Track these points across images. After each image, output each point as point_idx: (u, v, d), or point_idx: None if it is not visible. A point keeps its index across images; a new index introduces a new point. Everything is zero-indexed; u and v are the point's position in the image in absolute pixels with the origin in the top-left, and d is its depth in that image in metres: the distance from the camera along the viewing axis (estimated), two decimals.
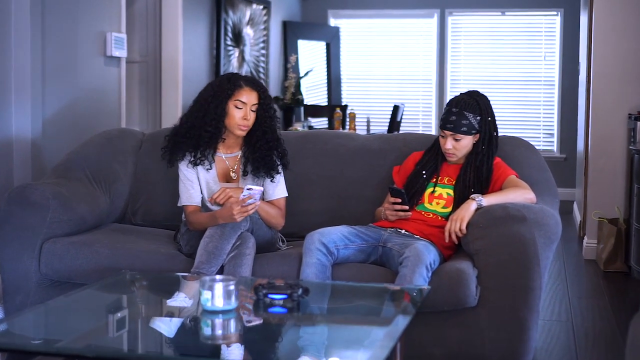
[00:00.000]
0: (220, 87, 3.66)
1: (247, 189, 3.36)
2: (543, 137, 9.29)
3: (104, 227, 3.99)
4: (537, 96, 9.31)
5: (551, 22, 9.21)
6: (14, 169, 4.55)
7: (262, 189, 3.46)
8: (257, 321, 2.78)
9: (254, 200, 3.41)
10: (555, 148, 9.23)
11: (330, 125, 8.20)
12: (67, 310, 2.96)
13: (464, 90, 3.77)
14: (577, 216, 7.03)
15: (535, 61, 9.29)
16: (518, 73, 9.31)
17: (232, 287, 2.64)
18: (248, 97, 3.65)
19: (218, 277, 2.71)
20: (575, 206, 7.66)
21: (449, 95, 9.13)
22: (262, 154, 3.70)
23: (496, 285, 3.31)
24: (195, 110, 3.70)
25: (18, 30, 4.54)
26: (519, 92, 9.32)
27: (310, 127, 8.22)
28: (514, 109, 9.29)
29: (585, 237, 5.90)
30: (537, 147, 4.00)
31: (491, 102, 3.75)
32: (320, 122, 8.65)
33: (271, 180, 3.73)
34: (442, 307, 3.30)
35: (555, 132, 9.24)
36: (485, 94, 3.75)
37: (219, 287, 2.62)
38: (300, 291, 2.78)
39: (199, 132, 3.65)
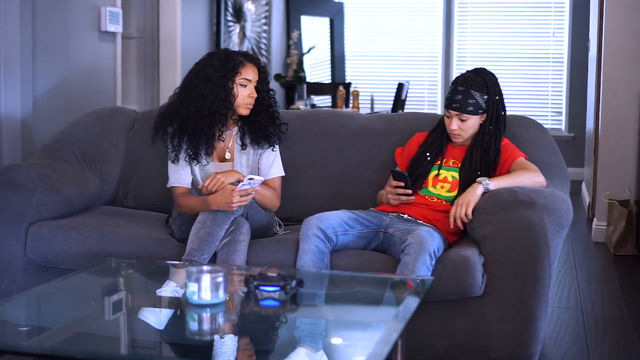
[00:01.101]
0: (223, 67, 3.47)
1: (249, 179, 3.22)
2: (551, 116, 9.13)
3: (93, 209, 3.85)
4: (546, 73, 9.13)
5: None
6: (3, 149, 4.43)
7: (262, 179, 3.32)
8: (247, 315, 2.65)
9: (252, 190, 3.28)
10: (563, 127, 9.06)
11: (334, 104, 8.04)
12: (51, 300, 2.85)
13: (470, 68, 3.61)
14: (586, 197, 6.89)
15: (544, 38, 9.10)
16: (526, 50, 9.13)
17: (220, 279, 2.48)
18: (253, 74, 3.52)
19: (205, 267, 2.55)
20: (583, 186, 7.51)
21: (455, 73, 8.95)
22: (264, 123, 3.58)
23: (503, 274, 3.17)
24: (192, 96, 3.47)
25: (6, 3, 4.37)
26: (526, 70, 9.15)
27: (313, 106, 8.06)
28: (522, 87, 9.12)
29: (595, 219, 5.77)
30: (545, 126, 3.86)
31: (498, 80, 3.58)
32: (323, 100, 8.50)
33: (272, 149, 3.60)
34: (446, 296, 3.17)
35: (563, 110, 9.08)
36: (492, 71, 3.59)
37: (206, 279, 2.46)
38: (293, 283, 2.62)
39: (199, 119, 3.45)
